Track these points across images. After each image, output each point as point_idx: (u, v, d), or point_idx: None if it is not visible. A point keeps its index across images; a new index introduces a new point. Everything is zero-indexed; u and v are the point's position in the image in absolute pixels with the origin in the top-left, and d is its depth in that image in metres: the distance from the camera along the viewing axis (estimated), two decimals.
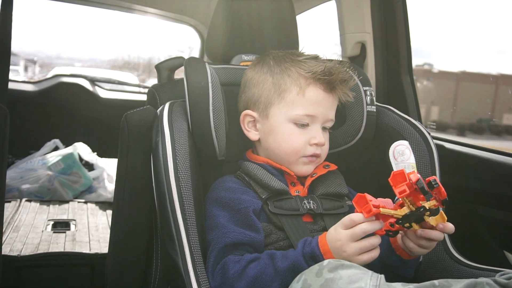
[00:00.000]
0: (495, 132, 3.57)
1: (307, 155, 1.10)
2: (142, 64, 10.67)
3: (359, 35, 1.77)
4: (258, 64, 1.17)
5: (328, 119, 1.12)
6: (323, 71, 1.07)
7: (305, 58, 1.13)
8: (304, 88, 1.08)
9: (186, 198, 0.97)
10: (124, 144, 1.11)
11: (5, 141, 1.21)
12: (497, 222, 1.35)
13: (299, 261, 0.90)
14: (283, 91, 1.10)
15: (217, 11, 1.35)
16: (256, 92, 1.14)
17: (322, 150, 1.12)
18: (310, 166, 1.13)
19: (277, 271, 0.91)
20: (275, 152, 1.12)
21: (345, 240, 0.87)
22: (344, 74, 1.10)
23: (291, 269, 0.90)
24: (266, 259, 0.94)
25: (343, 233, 0.87)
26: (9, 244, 1.76)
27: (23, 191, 2.39)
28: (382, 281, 0.75)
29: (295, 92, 1.09)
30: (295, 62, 1.12)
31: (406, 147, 1.03)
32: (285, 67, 1.12)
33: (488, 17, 3.19)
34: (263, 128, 1.14)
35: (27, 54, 9.97)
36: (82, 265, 1.72)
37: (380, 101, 1.36)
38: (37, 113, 2.91)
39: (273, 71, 1.13)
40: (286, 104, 1.10)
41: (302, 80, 1.09)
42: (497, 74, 3.48)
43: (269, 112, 1.12)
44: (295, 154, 1.10)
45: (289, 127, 1.10)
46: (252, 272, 0.93)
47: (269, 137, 1.13)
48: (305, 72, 1.09)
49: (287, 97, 1.10)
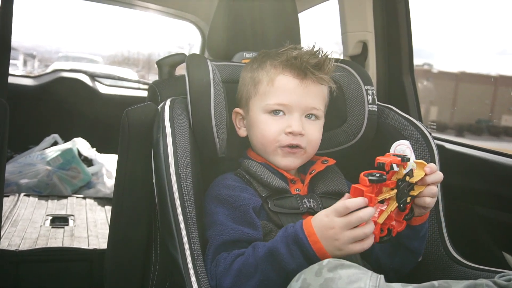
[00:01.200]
0: (493, 133, 3.57)
1: (283, 145, 1.09)
2: (141, 60, 10.65)
3: (361, 34, 1.77)
4: (247, 64, 1.20)
5: (308, 107, 1.09)
6: (287, 57, 1.08)
7: (283, 50, 1.13)
8: (273, 77, 1.09)
9: (186, 195, 0.97)
10: (124, 140, 1.11)
11: (4, 136, 1.21)
12: (496, 223, 1.35)
13: (276, 247, 0.87)
14: (257, 83, 1.12)
15: (219, 8, 1.35)
16: (240, 89, 1.18)
17: (305, 141, 1.09)
18: (291, 159, 1.10)
19: (257, 260, 0.90)
20: (257, 146, 1.13)
21: (339, 229, 0.83)
22: (313, 58, 1.09)
23: (268, 256, 0.88)
24: (249, 250, 0.93)
25: (337, 221, 0.83)
26: (7, 239, 1.76)
27: (21, 186, 2.38)
28: (382, 281, 0.75)
29: (265, 82, 1.10)
30: (272, 55, 1.13)
31: (407, 146, 1.03)
32: (262, 61, 1.14)
33: (490, 19, 3.20)
34: (247, 123, 1.16)
35: (27, 48, 9.94)
36: (80, 261, 1.72)
37: (381, 100, 1.36)
38: (36, 108, 2.91)
39: (252, 67, 1.15)
40: (260, 96, 1.11)
41: (272, 71, 1.10)
42: (497, 75, 3.49)
43: (249, 107, 1.14)
44: (271, 144, 1.10)
45: (264, 117, 1.10)
46: (236, 265, 0.92)
47: (251, 131, 1.15)
48: (276, 62, 1.10)
49: (260, 89, 1.11)
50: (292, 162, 1.11)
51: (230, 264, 0.93)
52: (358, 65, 1.28)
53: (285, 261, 0.86)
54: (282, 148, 1.09)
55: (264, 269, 0.88)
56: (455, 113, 3.98)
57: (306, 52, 1.11)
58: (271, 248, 0.89)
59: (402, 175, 0.90)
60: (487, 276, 0.95)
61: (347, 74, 1.23)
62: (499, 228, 1.36)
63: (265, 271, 0.88)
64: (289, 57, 1.08)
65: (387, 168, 0.87)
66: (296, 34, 1.37)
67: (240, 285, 0.91)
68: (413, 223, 0.99)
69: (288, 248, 0.86)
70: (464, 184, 1.42)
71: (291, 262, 0.85)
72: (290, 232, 0.88)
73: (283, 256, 0.86)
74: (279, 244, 0.88)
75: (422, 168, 0.93)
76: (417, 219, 0.99)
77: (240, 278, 0.91)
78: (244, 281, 0.91)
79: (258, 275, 0.89)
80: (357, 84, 1.22)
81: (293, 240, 0.86)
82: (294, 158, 1.11)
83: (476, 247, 1.39)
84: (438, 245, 1.14)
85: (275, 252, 0.88)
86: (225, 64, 1.27)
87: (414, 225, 0.99)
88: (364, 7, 1.74)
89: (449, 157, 1.43)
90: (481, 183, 1.39)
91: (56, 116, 2.94)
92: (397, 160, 0.88)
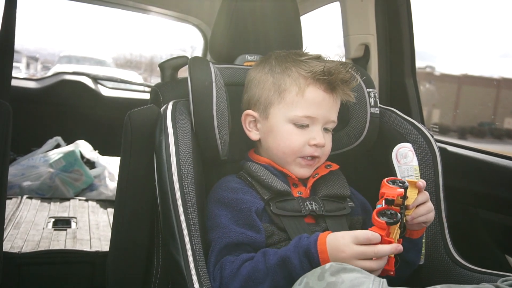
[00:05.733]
0: (496, 136, 3.56)
1: (305, 155, 1.09)
2: (144, 62, 10.65)
3: (363, 36, 1.77)
4: (261, 64, 1.17)
5: (330, 120, 1.11)
6: (323, 71, 1.06)
7: (307, 58, 1.11)
8: (304, 89, 1.07)
9: (189, 197, 0.97)
10: (127, 142, 1.11)
11: (7, 138, 1.21)
12: (499, 226, 1.35)
13: (289, 256, 0.88)
14: (283, 91, 1.09)
15: (221, 11, 1.35)
16: (257, 92, 1.14)
17: (322, 152, 1.11)
18: (307, 169, 1.12)
19: (268, 268, 0.90)
20: (274, 152, 1.12)
21: (350, 255, 0.84)
22: (345, 74, 1.08)
23: (280, 265, 0.89)
24: (259, 256, 0.94)
25: (352, 248, 0.84)
26: (10, 241, 1.77)
27: (24, 188, 2.39)
28: (384, 285, 0.75)
29: (294, 92, 1.08)
30: (296, 62, 1.10)
31: (409, 149, 1.03)
32: (286, 67, 1.11)
33: (493, 21, 3.19)
34: (263, 128, 1.14)
35: (30, 51, 9.97)
36: (83, 263, 1.73)
37: (383, 103, 1.36)
38: (39, 111, 2.91)
39: (274, 71, 1.12)
40: (286, 105, 1.09)
41: (302, 80, 1.08)
42: (499, 77, 3.48)
43: (269, 112, 1.11)
44: (293, 154, 1.09)
45: (288, 127, 1.09)
46: (245, 270, 0.92)
47: (269, 137, 1.12)
48: (305, 72, 1.08)
49: (286, 97, 1.09)
50: (309, 172, 1.12)
51: (238, 268, 0.93)
52: (360, 67, 1.28)
53: (296, 272, 0.87)
54: (301, 159, 1.10)
55: (274, 277, 0.89)
56: (457, 115, 3.97)
57: (337, 66, 1.08)
58: (283, 257, 0.89)
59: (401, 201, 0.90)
60: (489, 280, 0.95)
61: None
62: (502, 231, 1.35)
63: (275, 279, 0.89)
64: (325, 71, 1.06)
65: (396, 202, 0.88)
66: (298, 37, 1.37)
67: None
68: (414, 236, 1.00)
69: (299, 259, 0.87)
70: (466, 186, 1.42)
71: (301, 273, 0.86)
72: (303, 244, 0.89)
73: (294, 266, 0.88)
74: (292, 254, 0.89)
75: (414, 186, 0.92)
76: (418, 232, 1.00)
77: (249, 283, 0.91)
78: (253, 286, 0.91)
79: (268, 282, 0.90)
80: (359, 87, 1.22)
81: (304, 253, 0.88)
82: (310, 168, 1.12)
83: (479, 250, 1.39)
84: (440, 248, 1.13)
85: (287, 261, 0.88)
86: (227, 67, 1.27)
87: (414, 238, 1.00)
88: (366, 9, 1.74)
89: (452, 160, 1.42)
90: (484, 185, 1.38)
91: (59, 118, 2.95)
92: (400, 192, 0.88)
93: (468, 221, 1.41)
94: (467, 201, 1.42)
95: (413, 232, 0.99)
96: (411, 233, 1.00)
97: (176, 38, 9.11)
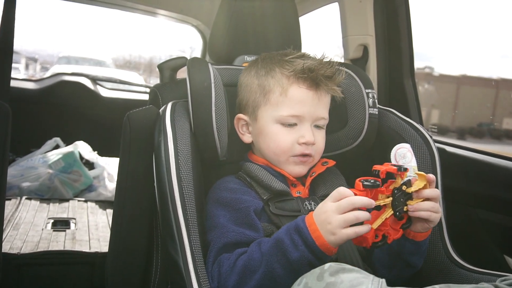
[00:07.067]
0: (495, 136, 3.56)
1: (296, 154, 1.10)
2: (143, 63, 10.65)
3: (361, 37, 1.77)
4: (248, 68, 1.19)
5: (318, 117, 1.11)
6: (303, 68, 1.07)
7: (291, 58, 1.11)
8: (287, 88, 1.08)
9: (187, 198, 0.97)
10: (126, 143, 1.12)
11: (6, 139, 1.21)
12: (497, 227, 1.35)
13: (281, 238, 0.89)
14: (267, 92, 1.10)
15: (220, 11, 1.35)
16: (245, 95, 1.15)
17: (314, 149, 1.11)
18: (302, 167, 1.12)
19: (263, 254, 0.90)
20: (266, 153, 1.13)
21: (330, 212, 0.85)
22: (326, 70, 1.08)
23: (273, 247, 0.89)
24: (253, 246, 0.94)
25: (329, 205, 0.86)
26: (9, 242, 1.77)
27: (23, 189, 2.39)
28: (384, 285, 0.75)
29: (278, 92, 1.09)
30: (281, 62, 1.11)
31: (407, 150, 1.03)
32: (270, 68, 1.12)
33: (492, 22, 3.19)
34: (254, 130, 1.15)
35: (29, 52, 9.96)
36: (82, 264, 1.73)
37: (381, 103, 1.36)
38: (38, 111, 2.91)
39: (258, 73, 1.14)
40: (271, 106, 1.10)
41: (285, 80, 1.09)
42: (498, 78, 3.48)
43: (257, 114, 1.12)
44: (284, 154, 1.10)
45: (276, 127, 1.10)
46: (240, 262, 0.93)
47: (260, 139, 1.13)
48: (287, 72, 1.09)
49: (271, 98, 1.10)
50: (303, 170, 1.13)
51: (234, 261, 0.94)
52: (359, 68, 1.28)
53: (288, 250, 0.87)
54: (294, 157, 1.10)
55: (268, 261, 0.89)
56: (456, 116, 3.97)
57: (320, 63, 1.09)
58: (276, 239, 0.90)
59: (399, 184, 0.91)
60: (488, 280, 0.95)
61: (348, 77, 1.23)
62: (500, 231, 1.36)
63: (269, 263, 0.89)
64: (305, 69, 1.07)
65: (382, 175, 0.90)
66: (297, 38, 1.37)
67: (245, 280, 0.91)
68: (417, 239, 0.99)
69: (291, 237, 0.87)
70: (465, 187, 1.42)
71: (293, 251, 0.86)
72: (292, 223, 0.90)
73: (286, 245, 0.87)
74: (283, 235, 0.89)
75: (423, 179, 0.93)
76: (422, 235, 0.99)
77: (246, 273, 0.91)
78: (249, 276, 0.91)
79: (262, 267, 0.90)
80: (358, 88, 1.22)
81: (294, 229, 0.88)
82: (304, 166, 1.12)
83: (478, 250, 1.39)
84: (439, 248, 1.14)
85: (279, 242, 0.89)
86: (226, 68, 1.27)
87: (417, 240, 1.00)
88: (365, 10, 1.74)
89: (450, 160, 1.43)
90: (482, 186, 1.39)
91: (58, 119, 2.95)
92: (393, 169, 0.91)
93: (467, 222, 1.42)
94: (466, 201, 1.42)
95: (417, 234, 0.99)
96: (414, 235, 0.99)
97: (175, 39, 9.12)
